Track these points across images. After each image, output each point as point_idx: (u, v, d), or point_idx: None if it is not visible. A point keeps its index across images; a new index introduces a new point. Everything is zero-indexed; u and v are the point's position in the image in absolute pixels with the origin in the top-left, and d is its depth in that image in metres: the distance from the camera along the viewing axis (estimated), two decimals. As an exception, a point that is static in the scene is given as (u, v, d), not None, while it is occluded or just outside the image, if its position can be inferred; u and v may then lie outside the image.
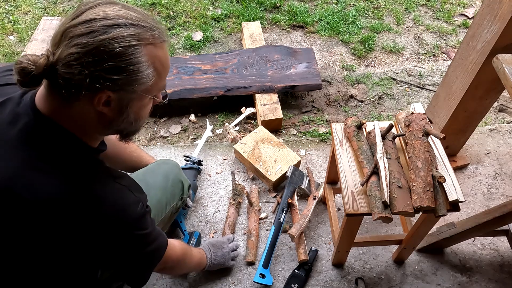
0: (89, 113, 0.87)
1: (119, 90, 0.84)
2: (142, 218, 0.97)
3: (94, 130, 0.93)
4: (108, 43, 0.79)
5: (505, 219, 1.40)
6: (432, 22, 2.83)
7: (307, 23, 2.74)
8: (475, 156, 2.07)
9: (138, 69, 0.83)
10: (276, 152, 1.92)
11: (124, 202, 0.93)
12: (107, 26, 0.80)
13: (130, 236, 0.96)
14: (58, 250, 0.91)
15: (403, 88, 2.45)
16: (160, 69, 0.88)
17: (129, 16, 0.83)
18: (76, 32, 0.79)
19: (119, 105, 0.87)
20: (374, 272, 1.65)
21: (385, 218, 1.18)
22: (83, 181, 0.88)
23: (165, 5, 2.81)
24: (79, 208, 0.87)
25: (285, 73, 2.25)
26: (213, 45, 2.61)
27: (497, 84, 1.49)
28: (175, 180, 1.40)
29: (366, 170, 1.28)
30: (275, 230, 1.65)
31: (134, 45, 0.81)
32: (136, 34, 0.82)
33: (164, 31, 0.89)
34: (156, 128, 2.18)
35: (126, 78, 0.83)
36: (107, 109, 0.86)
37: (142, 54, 0.83)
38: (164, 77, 0.92)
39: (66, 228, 0.88)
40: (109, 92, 0.83)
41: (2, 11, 2.76)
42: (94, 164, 0.94)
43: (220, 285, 1.59)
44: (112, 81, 0.81)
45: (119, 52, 0.80)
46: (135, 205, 0.94)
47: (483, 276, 1.65)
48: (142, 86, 0.86)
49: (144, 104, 0.92)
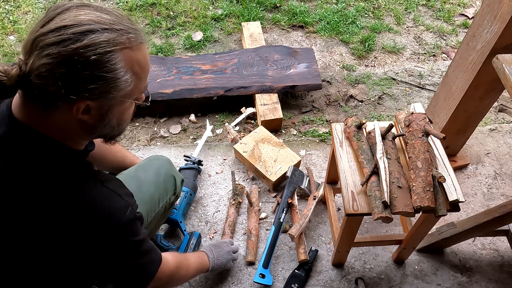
0: (69, 121, 0.84)
1: (97, 98, 0.81)
2: (132, 223, 0.93)
3: (78, 136, 0.90)
4: (81, 52, 0.75)
5: (505, 219, 1.40)
6: (432, 22, 2.83)
7: (307, 23, 2.74)
8: (475, 156, 2.07)
9: (116, 76, 0.80)
10: (276, 152, 1.92)
11: (112, 206, 0.89)
12: (79, 34, 0.75)
13: (120, 242, 0.92)
14: (47, 260, 0.89)
15: (403, 88, 2.45)
16: (139, 72, 0.85)
17: (101, 20, 0.79)
18: (46, 41, 0.75)
19: (99, 112, 0.85)
20: (374, 272, 1.65)
21: (385, 218, 1.18)
22: (68, 186, 0.85)
23: (165, 5, 2.81)
24: (65, 215, 0.84)
25: (285, 73, 2.25)
26: (213, 45, 2.61)
27: (497, 84, 1.49)
28: (167, 175, 1.39)
29: (366, 170, 1.28)
30: (275, 230, 1.65)
31: (109, 51, 0.77)
32: (111, 40, 0.78)
33: (141, 31, 0.85)
34: (156, 128, 2.18)
35: (104, 86, 0.79)
36: (88, 116, 0.84)
37: (119, 59, 0.79)
38: (145, 78, 0.89)
39: (53, 236, 0.85)
40: (87, 101, 0.80)
41: (2, 11, 2.76)
42: (80, 168, 0.91)
43: (220, 285, 1.59)
44: (89, 91, 0.78)
45: (93, 61, 0.76)
46: (124, 210, 0.90)
47: (483, 276, 1.65)
48: (122, 92, 0.83)
49: (125, 108, 0.90)
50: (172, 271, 1.15)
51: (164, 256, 1.10)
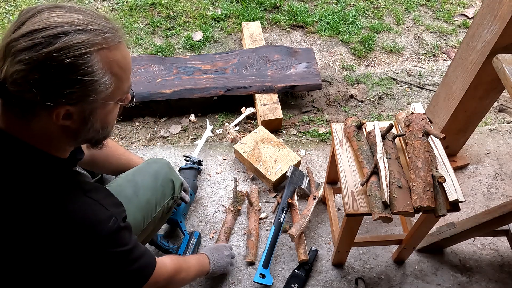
0: (50, 128, 0.81)
1: (77, 103, 0.78)
2: (117, 233, 0.89)
3: (61, 142, 0.87)
4: (54, 56, 0.72)
5: (505, 219, 1.40)
6: (432, 22, 2.83)
7: (307, 23, 2.74)
8: (475, 156, 2.07)
9: (93, 78, 0.77)
10: (276, 152, 1.92)
11: (93, 218, 0.85)
12: (51, 37, 0.73)
13: (105, 254, 0.88)
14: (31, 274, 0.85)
15: (403, 88, 2.45)
16: (119, 72, 0.82)
17: (74, 21, 0.75)
18: (18, 46, 0.72)
19: (81, 117, 0.82)
20: (374, 272, 1.65)
21: (385, 218, 1.18)
22: (48, 196, 0.82)
23: (165, 5, 2.81)
24: (45, 226, 0.81)
25: (285, 73, 2.25)
26: (213, 45, 2.61)
27: (497, 84, 1.49)
28: (165, 179, 1.36)
29: (366, 170, 1.28)
30: (275, 230, 1.65)
31: (84, 53, 0.75)
32: (85, 41, 0.75)
33: (119, 30, 0.82)
34: (156, 128, 2.18)
35: (81, 90, 0.77)
36: (69, 122, 0.81)
37: (96, 61, 0.76)
38: (127, 79, 0.86)
39: (35, 249, 0.82)
40: (66, 106, 0.77)
41: (2, 11, 2.76)
42: (62, 177, 0.87)
43: (220, 285, 1.59)
44: (66, 96, 0.75)
45: (68, 64, 0.73)
46: (106, 221, 0.86)
47: (483, 276, 1.65)
48: (102, 95, 0.80)
49: (108, 110, 0.87)
50: (170, 274, 1.13)
51: (161, 260, 1.09)
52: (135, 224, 1.22)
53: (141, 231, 1.26)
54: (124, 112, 0.96)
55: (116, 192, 1.22)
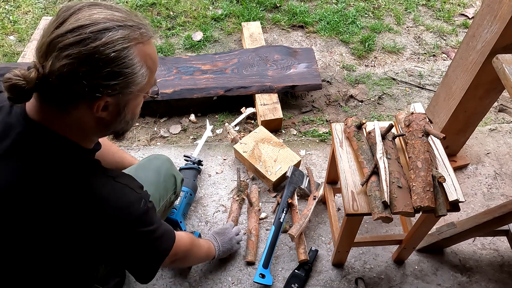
0: (87, 119, 0.87)
1: (116, 94, 0.84)
2: (146, 214, 0.96)
3: (92, 134, 0.93)
4: (102, 50, 0.78)
5: (505, 219, 1.40)
6: (432, 22, 2.83)
7: (307, 23, 2.74)
8: (475, 156, 2.07)
9: (133, 70, 0.83)
10: (276, 152, 1.92)
11: (126, 200, 0.93)
12: (97, 32, 0.78)
13: (136, 234, 0.96)
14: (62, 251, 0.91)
15: (403, 88, 2.45)
16: (151, 66, 0.89)
17: (115, 17, 0.82)
18: (65, 42, 0.77)
19: (117, 108, 0.88)
20: (374, 272, 1.65)
21: (385, 218, 1.18)
22: (83, 184, 0.88)
23: (165, 5, 2.81)
24: (82, 211, 0.87)
25: (285, 73, 2.25)
26: (213, 45, 2.61)
27: (497, 84, 1.49)
28: (167, 174, 1.41)
29: (366, 170, 1.28)
30: (275, 230, 1.65)
31: (126, 47, 0.81)
32: (126, 36, 0.81)
33: (149, 26, 0.88)
34: (156, 128, 2.18)
35: (123, 81, 0.83)
36: (105, 113, 0.87)
37: (135, 55, 0.83)
38: (155, 72, 0.92)
39: (71, 231, 0.88)
40: (107, 98, 0.83)
41: (2, 11, 2.76)
42: (92, 166, 0.94)
43: (220, 285, 1.59)
44: (110, 87, 0.81)
45: (113, 57, 0.79)
46: (137, 203, 0.94)
47: (483, 276, 1.65)
48: (138, 86, 0.87)
49: (138, 102, 0.94)
50: (188, 247, 1.22)
51: (179, 234, 1.15)
52: None
53: None
54: None
55: None
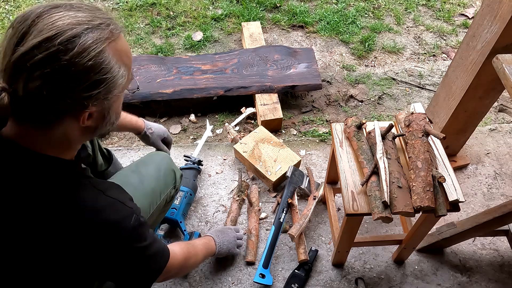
0: (74, 131, 0.83)
1: (101, 101, 0.79)
2: (138, 229, 0.91)
3: (77, 143, 0.89)
4: (77, 61, 0.72)
5: (505, 219, 1.40)
6: (432, 22, 2.83)
7: (307, 23, 2.74)
8: (475, 156, 2.07)
9: (113, 74, 0.78)
10: (276, 152, 1.92)
11: (117, 216, 0.87)
12: (66, 42, 0.71)
13: (129, 250, 0.91)
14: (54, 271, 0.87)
15: (403, 88, 2.45)
16: (128, 62, 0.84)
17: (80, 19, 0.74)
18: (34, 60, 0.70)
19: (102, 114, 0.84)
20: (374, 272, 1.65)
21: (385, 218, 1.18)
22: (71, 200, 0.83)
23: (165, 5, 2.81)
24: (72, 229, 0.82)
25: (285, 73, 2.25)
26: (213, 45, 2.61)
27: (497, 84, 1.49)
28: (167, 169, 1.41)
29: (366, 170, 1.28)
30: (275, 230, 1.65)
31: (100, 51, 0.75)
32: (98, 38, 0.74)
33: (116, 19, 0.82)
34: (156, 128, 2.18)
35: (105, 88, 0.78)
36: (91, 121, 0.82)
37: (111, 56, 0.77)
38: (131, 66, 0.87)
39: (61, 250, 0.84)
40: (91, 108, 0.79)
41: (2, 11, 2.76)
42: (79, 179, 0.88)
43: (220, 285, 1.59)
44: (93, 97, 0.77)
45: (91, 66, 0.74)
46: (129, 218, 0.89)
47: (483, 276, 1.65)
48: (120, 88, 0.82)
49: (121, 100, 0.89)
50: (181, 263, 1.18)
51: (172, 250, 1.11)
52: (143, 210, 1.30)
53: (147, 217, 1.31)
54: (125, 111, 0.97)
55: (123, 182, 1.28)
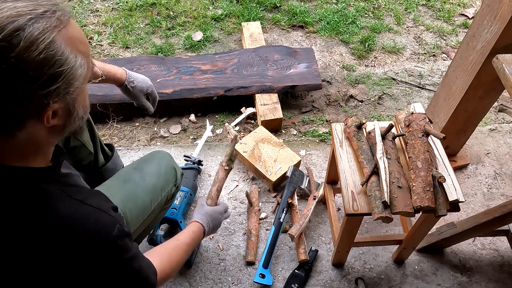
0: (40, 134, 0.75)
1: (62, 97, 0.72)
2: (121, 240, 0.85)
3: (47, 145, 0.82)
4: (26, 57, 0.64)
5: (505, 219, 1.40)
6: (432, 22, 2.83)
7: (307, 23, 2.74)
8: (475, 156, 2.07)
9: (69, 65, 0.70)
10: (276, 152, 1.92)
11: (98, 227, 0.81)
12: (9, 37, 0.63)
13: (113, 262, 0.85)
14: None
15: (403, 88, 2.45)
16: (83, 49, 0.75)
17: (21, 10, 0.65)
18: None
19: (67, 110, 0.76)
20: (374, 272, 1.65)
21: (385, 218, 1.18)
22: (45, 215, 0.76)
23: (165, 5, 2.81)
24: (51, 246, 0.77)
25: (285, 73, 2.25)
26: (213, 45, 2.61)
27: (497, 84, 1.49)
28: (168, 167, 1.41)
29: (366, 170, 1.28)
30: (275, 230, 1.65)
31: (50, 42, 0.67)
32: (44, 28, 0.66)
33: (62, 4, 0.72)
34: (156, 128, 2.18)
35: (64, 81, 0.70)
36: (56, 119, 0.75)
37: (63, 46, 0.69)
38: (89, 53, 0.78)
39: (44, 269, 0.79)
40: (54, 105, 0.71)
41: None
42: (53, 190, 0.80)
43: (220, 285, 1.59)
44: (52, 93, 0.69)
45: (42, 60, 0.66)
46: (111, 228, 0.82)
47: (483, 276, 1.65)
48: (81, 79, 0.74)
49: (85, 92, 0.82)
50: (167, 272, 1.09)
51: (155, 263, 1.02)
52: (144, 206, 1.28)
53: (149, 213, 1.30)
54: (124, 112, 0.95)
55: (124, 179, 1.28)
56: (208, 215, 1.34)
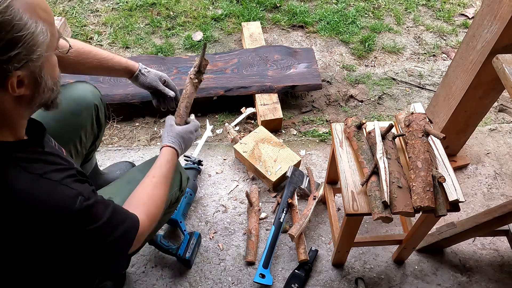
0: (6, 104, 0.77)
1: (25, 64, 0.73)
2: (86, 211, 0.84)
3: (17, 118, 0.82)
4: None
5: (505, 219, 1.40)
6: (432, 22, 2.83)
7: (307, 23, 2.74)
8: (475, 156, 2.07)
9: (29, 30, 0.71)
10: (276, 152, 1.92)
11: (57, 198, 0.80)
12: None
13: (79, 232, 0.84)
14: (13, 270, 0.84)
15: (403, 88, 2.45)
16: (46, 17, 0.76)
17: None
18: None
19: (32, 79, 0.78)
20: (374, 272, 1.65)
21: (385, 218, 1.18)
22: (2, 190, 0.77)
23: (165, 5, 2.81)
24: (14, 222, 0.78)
25: (285, 73, 2.25)
26: (213, 45, 2.61)
27: (497, 84, 1.49)
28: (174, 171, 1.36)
29: (366, 170, 1.28)
30: (275, 230, 1.65)
31: (6, 6, 0.68)
32: None
33: None
34: (156, 128, 2.18)
35: (25, 47, 0.71)
36: (23, 89, 0.77)
37: (21, 11, 0.70)
38: (54, 22, 0.79)
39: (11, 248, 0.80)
40: (17, 72, 0.73)
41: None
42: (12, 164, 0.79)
43: (220, 285, 1.59)
44: (13, 59, 0.71)
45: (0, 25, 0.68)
46: (73, 199, 0.82)
47: (483, 276, 1.65)
48: (44, 46, 0.75)
49: (53, 63, 0.83)
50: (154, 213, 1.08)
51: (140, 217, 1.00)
52: None
53: None
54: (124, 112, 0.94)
55: (128, 180, 1.27)
56: (179, 136, 1.26)
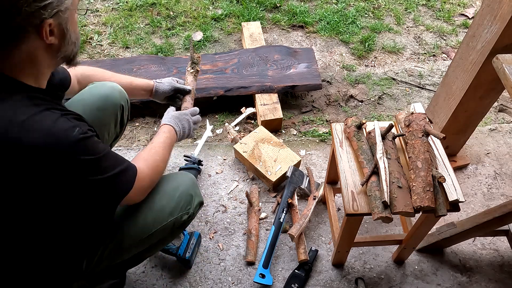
0: (39, 50, 0.90)
1: (56, 14, 0.87)
2: (83, 141, 0.92)
3: (44, 66, 0.95)
4: None
5: (505, 219, 1.40)
6: (432, 22, 2.83)
7: (307, 23, 2.74)
8: (475, 156, 2.07)
9: None
10: (276, 152, 1.92)
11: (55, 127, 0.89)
12: None
13: (74, 161, 0.91)
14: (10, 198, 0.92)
15: (403, 88, 2.45)
16: None
17: None
18: None
19: (60, 29, 0.91)
20: (374, 272, 1.65)
21: (385, 218, 1.18)
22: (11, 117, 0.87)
23: (165, 5, 2.81)
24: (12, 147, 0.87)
25: (285, 73, 2.25)
26: (213, 45, 2.61)
27: (497, 84, 1.49)
28: (184, 192, 1.30)
29: (366, 170, 1.28)
30: (275, 230, 1.65)
31: None
32: None
33: None
34: (156, 128, 2.18)
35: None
36: (53, 38, 0.90)
37: None
38: None
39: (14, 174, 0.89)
40: (49, 20, 0.87)
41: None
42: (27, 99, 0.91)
43: (220, 285, 1.59)
44: (47, 7, 0.85)
45: None
46: (70, 130, 0.90)
47: (483, 276, 1.65)
48: (70, 1, 0.90)
49: (75, 20, 0.97)
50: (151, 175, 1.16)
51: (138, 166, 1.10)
52: (144, 225, 1.22)
53: (147, 235, 1.23)
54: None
55: None
56: (174, 117, 1.40)
